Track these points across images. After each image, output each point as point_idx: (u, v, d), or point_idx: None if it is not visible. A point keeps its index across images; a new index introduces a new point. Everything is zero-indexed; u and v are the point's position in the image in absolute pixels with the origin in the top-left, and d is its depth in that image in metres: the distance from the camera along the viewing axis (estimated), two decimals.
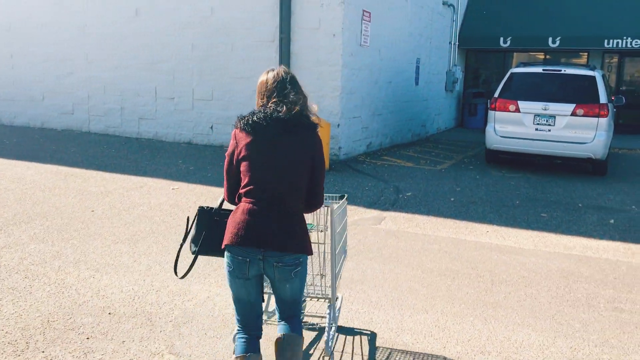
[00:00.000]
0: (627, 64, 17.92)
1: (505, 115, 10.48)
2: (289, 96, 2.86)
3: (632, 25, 16.13)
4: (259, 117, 2.80)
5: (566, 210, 7.84)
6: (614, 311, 4.48)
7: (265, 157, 2.80)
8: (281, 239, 2.77)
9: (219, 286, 4.67)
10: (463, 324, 4.16)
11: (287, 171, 2.80)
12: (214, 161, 10.56)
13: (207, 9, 11.90)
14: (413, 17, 14.11)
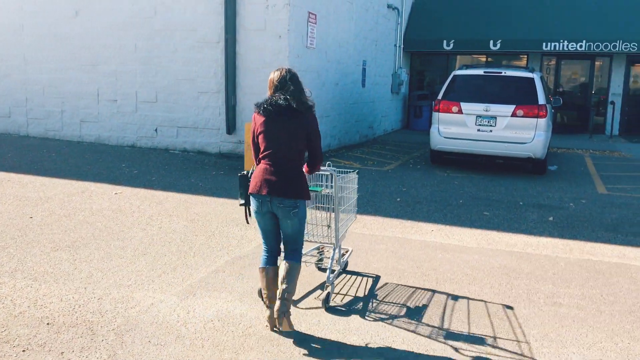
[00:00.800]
0: (564, 66, 18.62)
1: (448, 116, 10.71)
2: (289, 89, 3.95)
3: (568, 29, 16.76)
4: (268, 104, 3.93)
5: (508, 208, 8.07)
6: (553, 306, 4.63)
7: (273, 131, 3.94)
8: (283, 188, 3.89)
9: (163, 292, 4.58)
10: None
11: (288, 141, 3.93)
12: (159, 164, 10.36)
13: (150, 10, 11.67)
14: (358, 20, 14.25)
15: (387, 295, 4.76)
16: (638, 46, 16.06)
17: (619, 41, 16.18)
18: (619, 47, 16.19)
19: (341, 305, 4.52)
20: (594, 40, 16.38)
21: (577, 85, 18.80)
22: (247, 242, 6.05)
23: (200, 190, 8.44)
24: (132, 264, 5.22)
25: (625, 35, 16.19)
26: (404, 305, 4.55)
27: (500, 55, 18.54)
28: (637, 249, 6.30)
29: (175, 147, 11.93)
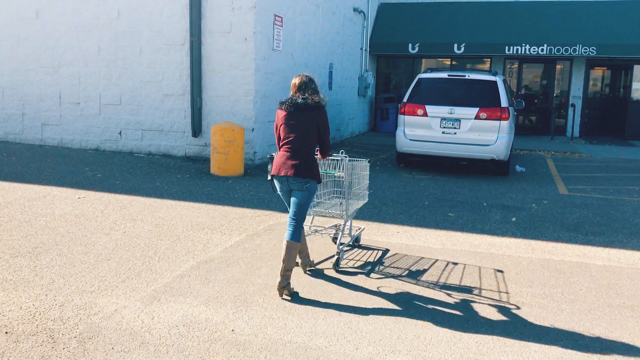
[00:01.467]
0: (526, 69, 19.01)
1: (413, 119, 10.83)
2: (307, 92, 4.87)
3: (530, 34, 17.13)
4: (289, 102, 4.86)
5: (472, 209, 8.20)
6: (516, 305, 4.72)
7: (292, 124, 4.83)
8: (297, 170, 4.77)
9: (127, 298, 4.51)
10: (375, 324, 4.24)
11: (303, 132, 4.82)
12: (123, 168, 10.21)
13: (114, 11, 11.50)
14: (325, 23, 14.29)
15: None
16: (597, 50, 16.50)
17: (578, 45, 16.60)
18: (579, 51, 16.61)
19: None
20: (554, 44, 16.77)
21: (539, 88, 19.22)
22: (213, 246, 6.01)
23: (165, 194, 8.35)
24: (95, 270, 5.13)
25: (585, 39, 16.63)
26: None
27: (465, 59, 18.83)
28: (596, 248, 6.47)
29: (140, 150, 11.77)
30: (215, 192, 8.65)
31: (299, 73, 5.10)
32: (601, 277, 5.49)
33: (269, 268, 5.36)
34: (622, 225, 7.56)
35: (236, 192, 8.71)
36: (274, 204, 8.01)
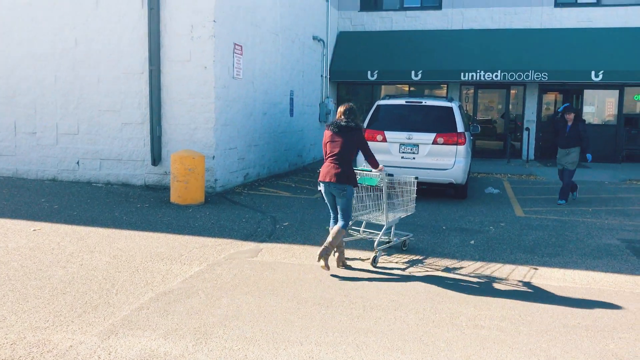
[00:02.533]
0: (481, 94, 19.53)
1: (373, 144, 10.96)
2: (349, 116, 6.29)
3: (485, 61, 17.65)
4: (334, 124, 6.28)
5: (432, 233, 8.31)
6: (475, 328, 4.79)
7: (335, 141, 6.26)
8: (337, 177, 6.15)
9: (84, 333, 4.41)
10: (337, 352, 4.24)
11: (344, 148, 6.21)
12: (81, 198, 10.02)
13: (71, 41, 11.40)
14: (285, 51, 14.45)
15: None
16: (548, 76, 17.09)
17: (531, 71, 17.17)
18: (531, 77, 17.18)
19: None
20: (508, 70, 17.31)
21: (495, 113, 19.74)
22: (173, 277, 5.93)
23: (124, 224, 8.22)
24: (50, 305, 5.00)
25: (537, 65, 17.22)
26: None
27: (422, 85, 19.24)
28: (552, 269, 6.63)
29: (98, 180, 11.59)
30: (175, 221, 8.56)
31: (344, 103, 6.55)
32: (557, 297, 5.63)
33: (229, 298, 5.31)
34: (576, 246, 7.77)
35: (197, 220, 8.64)
36: (235, 232, 7.97)
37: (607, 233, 8.58)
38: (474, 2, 18.68)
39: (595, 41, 17.56)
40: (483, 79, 17.52)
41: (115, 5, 11.09)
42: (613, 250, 7.58)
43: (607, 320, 5.05)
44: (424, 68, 17.93)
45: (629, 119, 18.47)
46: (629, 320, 5.05)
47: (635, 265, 6.90)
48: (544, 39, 17.95)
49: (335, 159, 6.20)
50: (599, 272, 6.57)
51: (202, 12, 10.61)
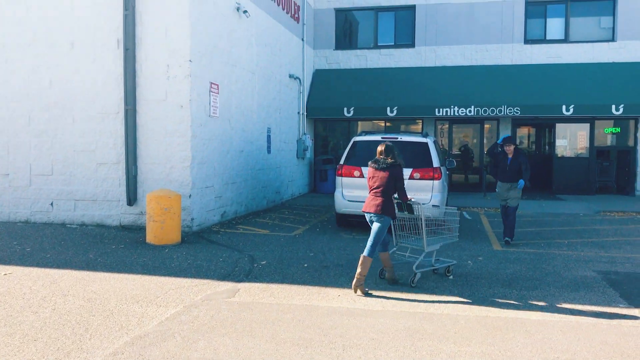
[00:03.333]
0: (456, 129, 19.84)
1: (351, 180, 11.02)
2: (388, 155, 7.14)
3: (458, 96, 17.99)
4: (375, 161, 7.20)
5: (410, 269, 8.27)
6: None
7: (376, 176, 7.12)
8: (377, 208, 7.00)
9: None
10: None
11: (383, 182, 7.05)
12: (55, 240, 9.83)
13: (45, 81, 11.36)
14: (261, 89, 14.56)
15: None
16: (521, 110, 17.45)
17: (504, 106, 17.52)
18: (504, 112, 17.52)
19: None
20: (481, 105, 17.65)
21: (470, 147, 20.02)
22: (148, 319, 5.81)
23: (98, 267, 8.06)
24: (20, 352, 4.85)
25: (509, 100, 17.58)
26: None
27: (398, 121, 19.49)
28: (531, 303, 6.64)
29: (73, 221, 11.41)
30: (151, 262, 8.43)
31: (382, 143, 7.32)
32: (536, 331, 5.62)
33: (207, 341, 5.21)
34: (553, 279, 7.82)
35: (173, 261, 8.52)
36: (212, 272, 7.87)
37: (584, 265, 8.66)
38: (446, 40, 19.13)
39: (565, 76, 18.04)
40: (457, 114, 17.82)
41: (90, 46, 11.11)
42: (590, 282, 7.63)
43: (586, 354, 5.05)
44: (399, 104, 18.20)
45: (600, 151, 18.88)
46: (607, 354, 5.06)
47: (612, 297, 6.94)
48: (515, 75, 18.39)
49: (376, 192, 7.09)
50: (577, 304, 6.60)
51: (178, 52, 10.68)
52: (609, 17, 18.46)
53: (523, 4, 18.63)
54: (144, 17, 10.80)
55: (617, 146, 18.90)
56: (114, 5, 10.93)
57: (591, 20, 18.74)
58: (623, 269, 8.41)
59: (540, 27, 18.92)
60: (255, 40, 14.09)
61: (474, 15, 18.92)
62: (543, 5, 18.79)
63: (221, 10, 11.99)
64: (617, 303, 6.67)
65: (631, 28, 18.02)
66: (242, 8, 12.89)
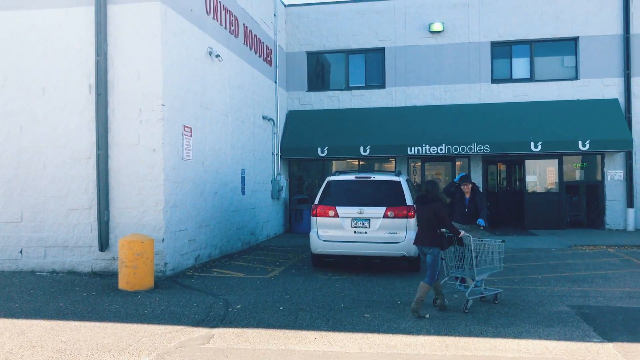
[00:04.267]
0: (428, 167, 20.10)
1: (326, 220, 11.04)
2: (429, 190, 7.94)
3: (430, 135, 18.30)
4: (419, 197, 8.12)
5: (387, 308, 8.27)
6: None
7: (420, 211, 8.07)
8: (424, 241, 7.91)
9: None
10: None
11: (428, 216, 7.87)
12: (23, 289, 9.59)
13: (16, 127, 11.27)
14: (235, 131, 14.63)
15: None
16: (491, 148, 17.80)
17: (474, 144, 17.86)
18: (474, 149, 17.85)
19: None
20: (452, 143, 17.96)
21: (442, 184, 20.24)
22: None
23: (69, 315, 7.87)
24: None
25: (479, 138, 17.94)
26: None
27: (371, 159, 19.70)
28: (506, 340, 6.66)
29: (43, 268, 11.16)
30: (124, 309, 8.26)
31: (427, 182, 8.19)
32: None
33: None
34: (528, 315, 7.86)
35: (146, 307, 8.36)
36: (185, 318, 7.73)
37: (557, 300, 8.73)
38: (416, 80, 19.55)
39: (532, 113, 18.51)
40: (429, 152, 18.09)
41: (62, 91, 11.09)
42: (564, 317, 7.70)
43: None
44: (372, 143, 18.42)
45: (570, 186, 19.27)
46: None
47: (586, 331, 7.00)
48: (484, 113, 18.81)
49: (422, 226, 7.96)
50: (552, 340, 6.64)
51: (151, 96, 10.72)
52: (571, 56, 19.11)
53: (489, 45, 19.21)
54: (116, 62, 10.85)
55: (586, 181, 19.32)
56: (86, 50, 10.98)
57: (555, 60, 19.37)
58: (596, 303, 8.51)
59: (506, 66, 19.49)
60: (229, 83, 14.23)
61: (441, 56, 19.42)
62: (508, 46, 19.39)
63: (194, 54, 12.12)
64: (592, 338, 6.73)
65: (593, 67, 18.66)
66: (214, 52, 13.04)
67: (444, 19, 19.39)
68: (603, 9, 18.57)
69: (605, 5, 18.57)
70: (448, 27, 19.36)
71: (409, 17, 19.62)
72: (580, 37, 18.70)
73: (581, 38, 18.70)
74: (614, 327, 7.21)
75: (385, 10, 19.76)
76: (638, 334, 6.86)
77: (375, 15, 19.83)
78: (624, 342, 6.56)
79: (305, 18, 20.29)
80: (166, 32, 10.92)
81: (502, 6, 19.12)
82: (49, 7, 11.20)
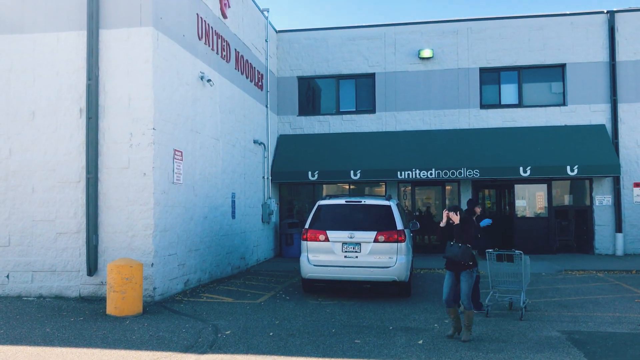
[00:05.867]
0: (418, 191, 20.17)
1: (316, 244, 11.01)
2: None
3: (419, 159, 18.41)
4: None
5: (377, 334, 8.22)
6: None
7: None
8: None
9: None
10: None
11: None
12: (10, 315, 9.45)
13: (5, 151, 11.23)
14: (226, 155, 14.64)
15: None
16: (480, 172, 17.91)
17: (463, 168, 17.96)
18: (464, 174, 17.95)
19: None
20: (442, 168, 18.06)
21: (432, 208, 20.31)
22: None
23: (56, 341, 7.75)
24: None
25: (469, 163, 18.06)
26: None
27: (362, 184, 19.75)
28: None
29: (30, 293, 11.02)
30: (111, 334, 8.15)
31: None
32: None
33: None
34: (519, 339, 7.84)
35: (134, 333, 8.25)
36: (174, 344, 7.64)
37: (548, 325, 8.73)
38: (406, 105, 19.73)
39: (521, 139, 18.68)
40: (419, 177, 18.17)
41: (52, 115, 11.08)
42: (554, 342, 7.68)
43: None
44: (362, 167, 18.49)
45: (559, 210, 19.37)
46: None
47: (577, 356, 6.99)
48: (473, 138, 18.97)
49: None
50: None
51: (142, 120, 10.73)
52: (559, 82, 19.38)
53: (477, 71, 19.45)
54: (107, 86, 10.88)
55: (575, 206, 19.44)
56: (76, 74, 11.01)
57: (543, 86, 19.64)
58: (586, 328, 8.51)
59: (495, 92, 19.71)
60: (220, 107, 14.28)
61: (431, 82, 19.64)
62: (497, 72, 19.65)
63: (185, 79, 12.18)
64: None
65: (580, 93, 18.92)
66: (205, 77, 13.12)
67: (434, 45, 19.65)
68: (589, 37, 18.91)
69: (592, 33, 18.91)
70: (437, 54, 19.61)
71: (398, 43, 19.87)
72: (568, 64, 19.00)
73: (568, 65, 18.99)
74: (604, 352, 7.20)
75: (376, 37, 20.01)
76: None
77: (366, 41, 20.07)
78: None
79: (296, 44, 20.49)
80: (158, 57, 10.98)
81: (490, 34, 19.42)
82: (42, 32, 11.24)
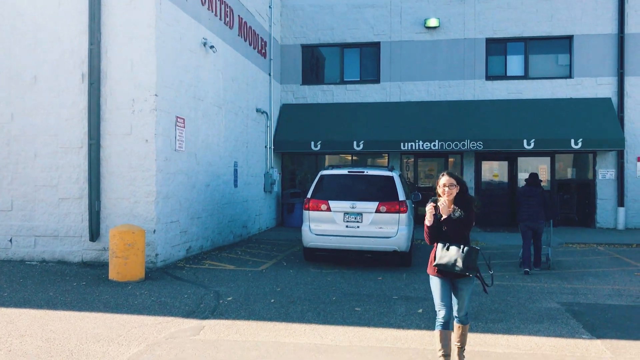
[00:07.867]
0: (421, 162, 20.12)
1: (318, 214, 11.02)
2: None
3: (422, 131, 18.31)
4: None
5: (378, 302, 8.28)
6: None
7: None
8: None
9: None
10: None
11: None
12: (13, 278, 9.53)
13: (7, 115, 11.18)
14: (228, 123, 14.57)
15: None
16: (484, 144, 17.83)
17: (467, 140, 17.88)
18: (467, 146, 17.87)
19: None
20: (445, 139, 17.97)
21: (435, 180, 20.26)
22: (110, 359, 5.63)
23: (58, 305, 7.83)
24: None
25: (472, 135, 17.96)
26: None
27: (365, 155, 19.68)
28: (496, 336, 6.68)
29: (32, 257, 11.09)
30: (114, 299, 8.22)
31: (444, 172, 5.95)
32: None
33: None
34: (518, 310, 7.89)
35: (136, 298, 8.33)
36: (176, 309, 7.71)
37: (547, 297, 8.77)
38: (410, 76, 19.54)
39: (526, 111, 18.54)
40: (422, 148, 18.09)
41: (54, 80, 11.00)
42: (554, 314, 7.73)
43: None
44: (366, 138, 18.41)
45: (561, 184, 19.34)
46: None
47: (575, 328, 7.04)
48: (477, 110, 18.82)
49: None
50: (541, 336, 6.67)
51: (144, 86, 10.65)
52: (565, 54, 19.14)
53: (484, 42, 19.20)
54: (109, 52, 10.77)
55: (578, 179, 19.40)
56: (78, 39, 10.89)
57: (549, 58, 19.40)
58: (585, 300, 8.55)
59: (501, 64, 19.49)
60: (223, 74, 14.16)
61: (436, 52, 19.41)
62: (503, 43, 19.40)
63: (188, 45, 12.05)
64: (580, 334, 6.76)
65: (587, 65, 18.71)
66: (208, 43, 12.97)
67: (440, 14, 19.37)
68: (598, 8, 18.60)
69: (601, 4, 18.60)
70: (444, 23, 19.34)
71: (404, 12, 19.58)
72: (575, 36, 18.74)
73: (576, 37, 18.74)
74: (603, 324, 7.25)
75: (382, 5, 19.71)
76: (626, 331, 6.91)
77: (371, 9, 19.78)
78: (613, 339, 6.60)
79: (300, 11, 20.21)
80: (160, 22, 10.84)
81: (497, 3, 19.11)
82: None
